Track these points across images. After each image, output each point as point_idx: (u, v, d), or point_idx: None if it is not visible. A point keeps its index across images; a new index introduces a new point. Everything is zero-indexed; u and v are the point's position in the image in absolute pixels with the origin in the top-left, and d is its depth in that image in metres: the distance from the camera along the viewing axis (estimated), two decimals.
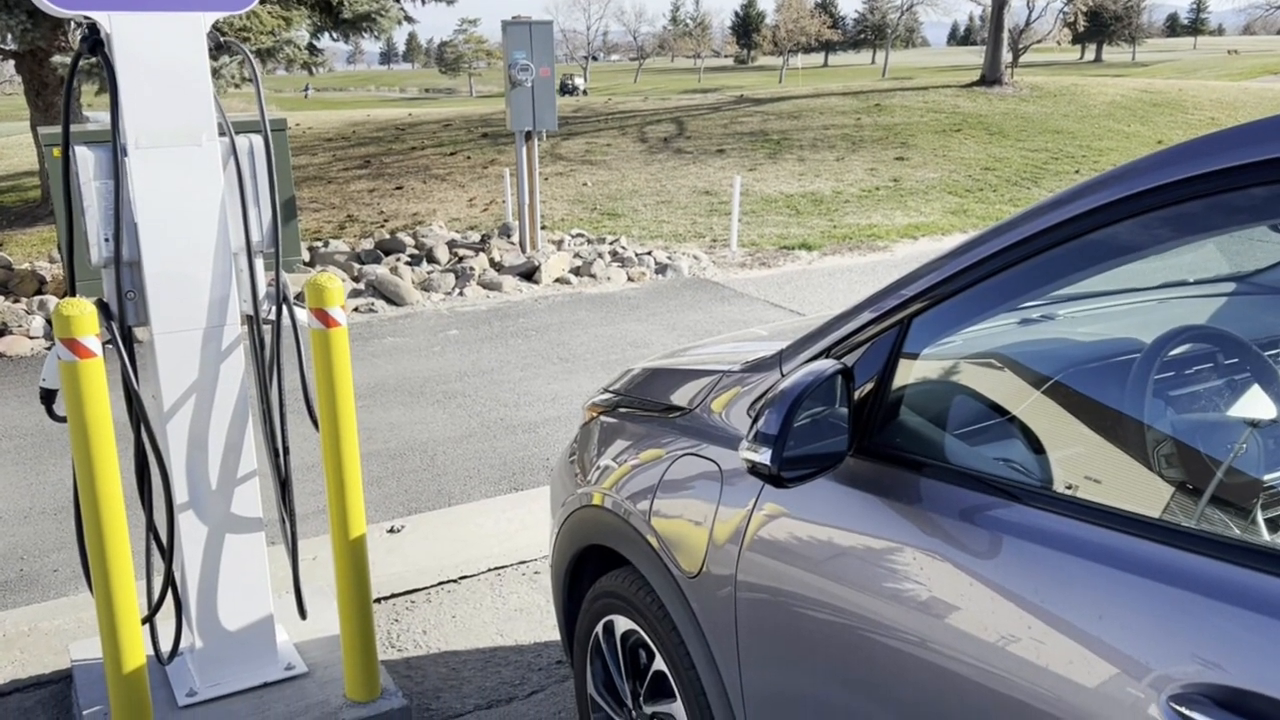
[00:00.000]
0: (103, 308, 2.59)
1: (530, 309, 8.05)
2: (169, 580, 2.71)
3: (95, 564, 2.40)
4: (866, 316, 1.73)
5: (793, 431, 1.56)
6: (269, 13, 10.37)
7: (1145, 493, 1.45)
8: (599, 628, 2.42)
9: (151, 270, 2.58)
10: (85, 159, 2.53)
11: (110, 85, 2.53)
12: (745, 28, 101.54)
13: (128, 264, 2.61)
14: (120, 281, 2.61)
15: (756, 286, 8.66)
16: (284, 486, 2.84)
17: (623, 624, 2.30)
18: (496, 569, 3.83)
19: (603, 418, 2.56)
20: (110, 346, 2.52)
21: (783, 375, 1.92)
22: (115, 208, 2.55)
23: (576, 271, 9.00)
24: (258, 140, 2.73)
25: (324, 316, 2.63)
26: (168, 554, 2.68)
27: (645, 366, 2.58)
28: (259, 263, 2.81)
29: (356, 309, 7.96)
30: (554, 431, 5.42)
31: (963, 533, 1.49)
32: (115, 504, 2.38)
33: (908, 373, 1.70)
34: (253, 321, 2.83)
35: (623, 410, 2.49)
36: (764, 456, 1.56)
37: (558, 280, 8.84)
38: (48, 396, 2.68)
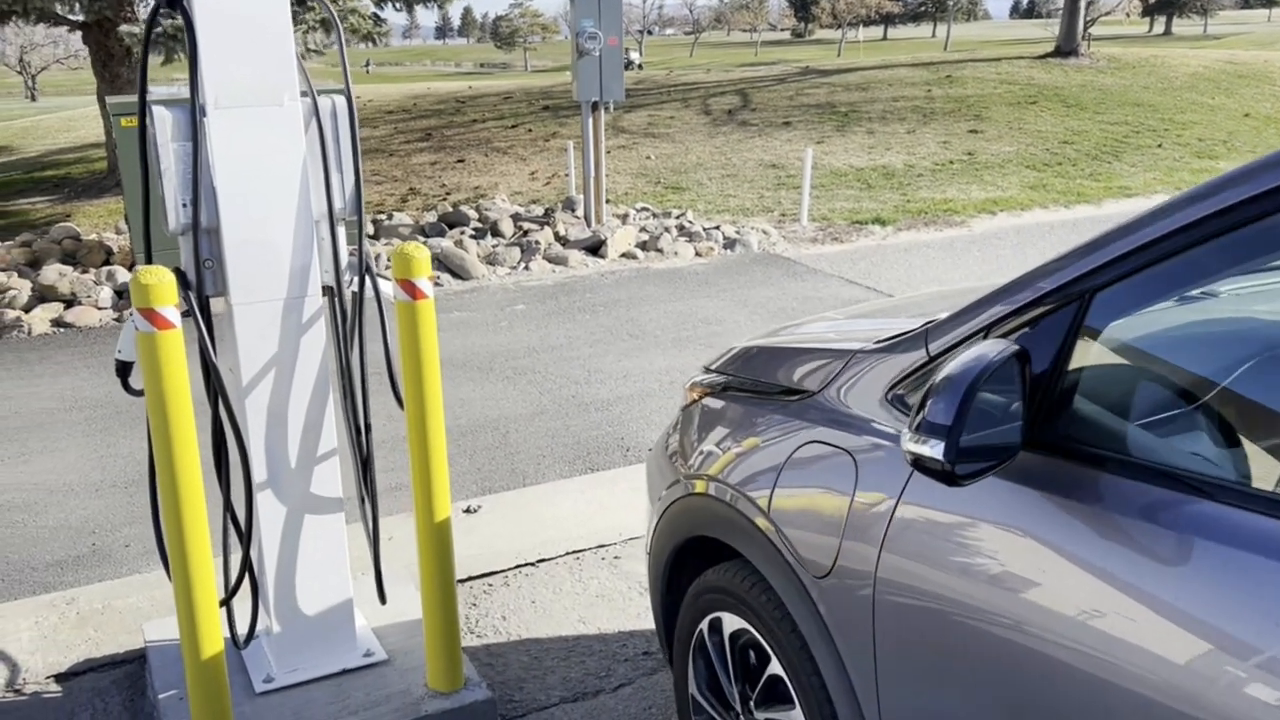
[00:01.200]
0: (180, 277, 2.47)
1: (597, 284, 7.89)
2: (246, 562, 2.59)
3: (173, 544, 2.28)
4: (1039, 289, 1.52)
5: (966, 422, 1.37)
6: None
7: None
8: (703, 625, 2.25)
9: (231, 237, 2.45)
10: (163, 120, 2.39)
11: (189, 41, 2.39)
12: (803, 1, 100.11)
13: (206, 231, 2.49)
14: (198, 249, 2.48)
15: (829, 262, 8.41)
16: (365, 465, 2.71)
17: (732, 622, 2.13)
18: (575, 552, 3.68)
19: (707, 400, 2.38)
20: (188, 317, 2.40)
21: (930, 356, 1.72)
22: (193, 171, 2.42)
23: (643, 246, 8.81)
24: (340, 101, 2.59)
25: (410, 288, 2.48)
26: (245, 534, 2.56)
27: (752, 345, 2.39)
28: (341, 231, 2.67)
29: None
30: (628, 410, 5.26)
31: (1151, 536, 1.29)
32: (194, 481, 2.25)
33: (1085, 355, 1.50)
34: (334, 293, 2.69)
35: (731, 392, 2.31)
36: (935, 450, 1.37)
37: (624, 255, 8.66)
38: (123, 369, 2.57)
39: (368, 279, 2.66)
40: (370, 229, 9.27)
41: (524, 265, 8.30)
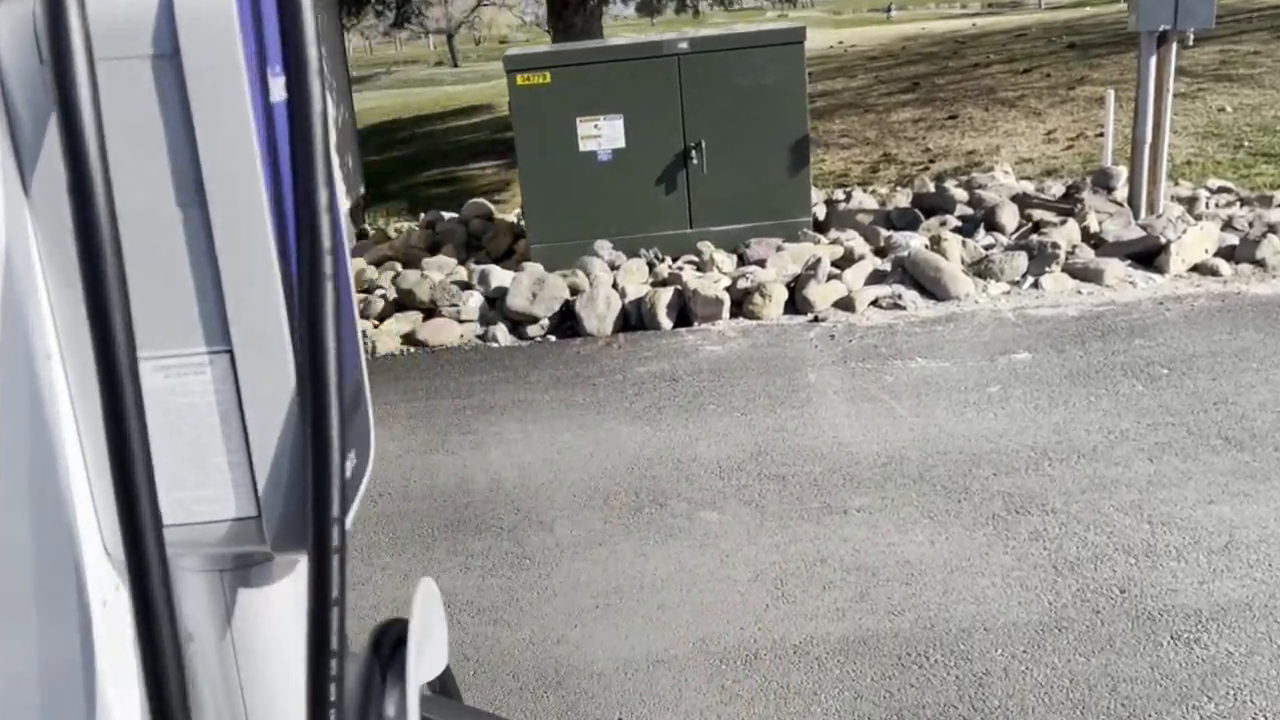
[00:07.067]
0: None
1: (1153, 320, 4.98)
2: None
3: None
4: None
5: None
6: None
7: None
8: None
9: None
10: None
11: None
12: None
13: None
14: None
15: None
16: None
17: None
18: None
19: None
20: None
21: None
22: None
23: (1229, 255, 5.66)
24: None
25: None
26: None
27: None
28: None
29: (875, 301, 5.48)
30: (1245, 649, 2.54)
31: None
32: None
33: None
34: None
35: None
36: None
37: (1196, 268, 5.59)
38: None
39: None
40: (821, 213, 7.00)
41: (1032, 281, 5.58)
